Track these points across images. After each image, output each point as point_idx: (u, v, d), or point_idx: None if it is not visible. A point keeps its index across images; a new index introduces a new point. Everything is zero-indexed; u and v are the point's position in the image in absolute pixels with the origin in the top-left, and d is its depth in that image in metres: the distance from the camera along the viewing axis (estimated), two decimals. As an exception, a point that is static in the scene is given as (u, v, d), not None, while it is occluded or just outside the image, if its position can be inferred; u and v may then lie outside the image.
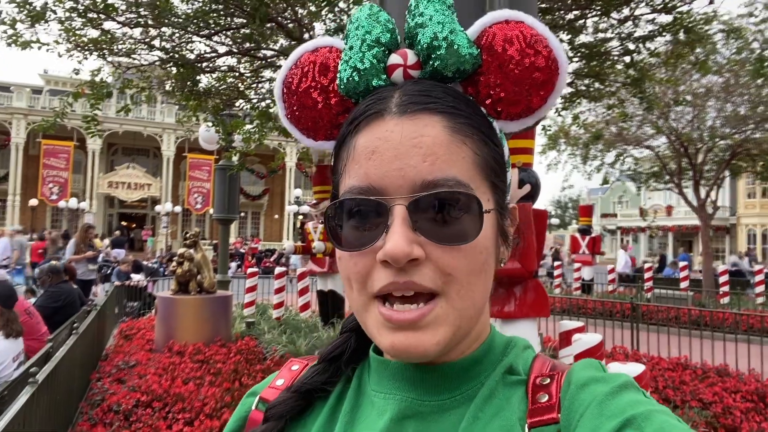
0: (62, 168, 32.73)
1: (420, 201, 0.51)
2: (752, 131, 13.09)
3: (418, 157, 0.52)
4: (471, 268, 0.53)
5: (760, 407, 4.72)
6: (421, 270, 0.51)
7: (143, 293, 10.48)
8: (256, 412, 0.64)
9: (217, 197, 9.39)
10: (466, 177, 0.53)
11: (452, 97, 0.55)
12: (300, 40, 5.89)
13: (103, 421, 4.17)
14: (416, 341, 0.52)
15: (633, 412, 0.46)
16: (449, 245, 0.51)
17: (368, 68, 0.57)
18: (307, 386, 0.63)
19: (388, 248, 0.50)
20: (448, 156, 0.52)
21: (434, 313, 0.52)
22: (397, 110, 0.54)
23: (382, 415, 0.57)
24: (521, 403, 0.54)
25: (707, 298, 12.66)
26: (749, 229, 36.02)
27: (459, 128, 0.54)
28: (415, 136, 0.52)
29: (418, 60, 0.57)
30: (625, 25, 5.98)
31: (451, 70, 0.56)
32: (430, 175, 0.51)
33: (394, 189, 0.52)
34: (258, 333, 7.25)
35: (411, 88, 0.55)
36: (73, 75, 6.07)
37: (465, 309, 0.53)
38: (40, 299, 6.43)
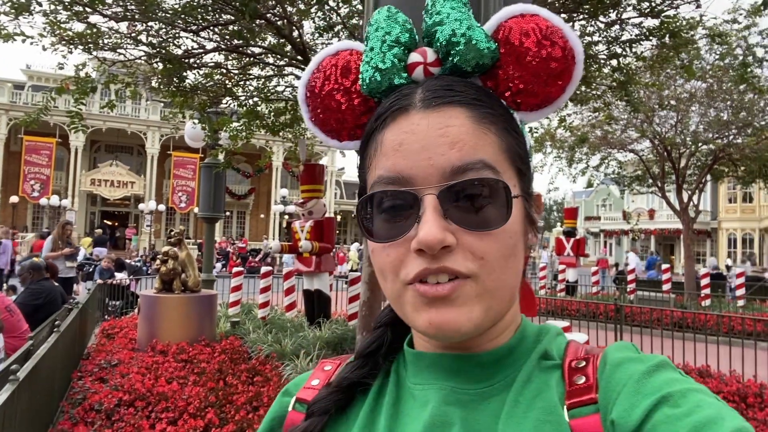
0: (44, 165, 32.26)
1: (449, 189, 0.52)
2: (734, 136, 13.29)
3: (445, 145, 0.53)
4: (502, 252, 0.54)
5: (742, 408, 4.78)
6: (453, 256, 0.53)
7: (126, 292, 10.36)
8: (293, 413, 0.65)
9: (203, 195, 9.31)
10: (494, 160, 0.54)
11: (474, 90, 0.57)
12: (289, 38, 5.86)
13: (85, 420, 4.11)
14: (450, 317, 0.53)
15: (670, 390, 0.47)
16: (480, 231, 0.53)
17: (390, 67, 0.59)
18: (349, 381, 0.64)
19: (421, 236, 0.51)
20: (475, 141, 0.54)
21: (465, 290, 0.53)
22: (422, 104, 0.55)
23: (425, 406, 0.58)
24: (559, 386, 0.55)
25: (689, 300, 12.82)
26: (730, 234, 36.59)
27: (483, 117, 0.55)
28: (441, 126, 0.54)
29: (438, 57, 0.59)
30: (612, 28, 6.04)
31: (470, 65, 0.57)
32: (459, 160, 0.53)
33: (422, 179, 0.53)
34: (243, 333, 7.20)
35: (433, 84, 0.57)
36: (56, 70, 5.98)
37: (497, 289, 0.54)
38: (20, 297, 6.32)
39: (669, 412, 0.45)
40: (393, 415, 0.60)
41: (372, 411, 0.62)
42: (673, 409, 0.45)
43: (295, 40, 5.95)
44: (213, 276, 9.27)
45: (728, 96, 12.28)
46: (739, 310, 11.74)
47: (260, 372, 5.44)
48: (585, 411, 0.51)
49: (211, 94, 7.15)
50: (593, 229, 46.12)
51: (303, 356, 5.83)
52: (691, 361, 6.27)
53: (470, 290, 0.53)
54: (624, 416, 0.47)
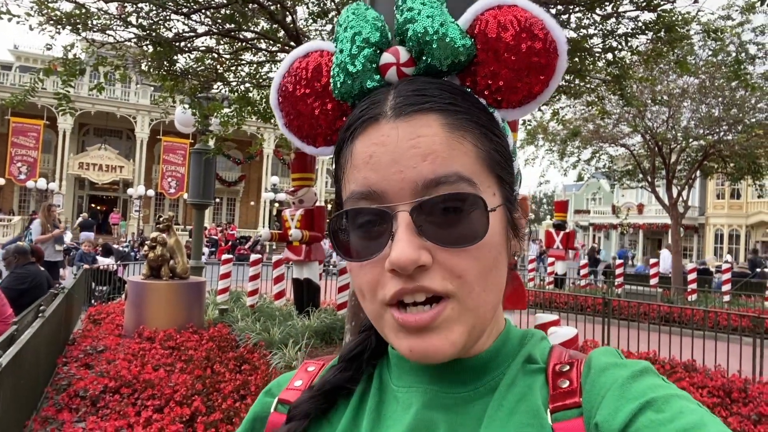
0: (31, 147, 31.83)
1: (423, 205, 0.50)
2: (725, 133, 13.37)
3: (417, 157, 0.50)
4: (482, 267, 0.52)
5: (726, 402, 4.83)
6: (430, 274, 0.51)
7: (113, 277, 10.28)
8: (276, 414, 0.64)
9: (192, 181, 9.22)
10: (469, 171, 0.51)
11: (448, 92, 0.54)
12: (282, 23, 5.78)
13: (69, 406, 4.07)
14: (431, 344, 0.51)
15: (653, 395, 0.47)
16: (457, 248, 0.50)
17: (360, 71, 0.56)
18: (331, 384, 0.62)
19: (393, 257, 0.49)
20: (449, 152, 0.51)
21: (446, 314, 0.51)
22: (392, 113, 0.52)
23: (407, 409, 0.57)
24: (542, 390, 0.54)
25: (676, 295, 12.95)
26: (717, 229, 36.96)
27: (457, 124, 0.52)
28: (412, 137, 0.51)
29: (411, 57, 0.56)
30: (608, 21, 6.01)
31: (445, 64, 0.54)
32: (432, 173, 0.50)
33: (394, 193, 0.51)
34: (231, 320, 7.17)
35: (405, 89, 0.54)
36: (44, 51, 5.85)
37: (478, 308, 0.53)
38: (5, 281, 6.23)
39: (653, 417, 0.45)
40: (375, 419, 0.59)
41: (355, 415, 0.61)
42: (657, 414, 0.45)
43: (288, 26, 5.87)
44: (202, 263, 9.22)
45: (720, 92, 12.33)
46: (725, 305, 11.87)
47: (248, 360, 5.42)
48: (568, 414, 0.51)
49: (202, 79, 7.06)
50: (582, 223, 46.40)
51: (291, 345, 5.81)
52: (678, 355, 6.33)
53: (451, 313, 0.51)
54: (608, 420, 0.47)
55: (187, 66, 6.90)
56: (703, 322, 7.45)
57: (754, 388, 5.08)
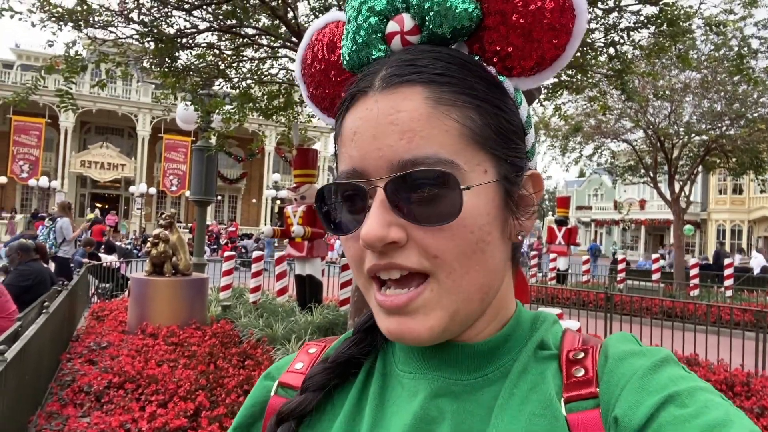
0: (33, 145, 31.88)
1: (396, 181, 0.48)
2: (727, 128, 13.34)
3: (395, 135, 0.48)
4: (461, 249, 0.49)
5: (729, 396, 4.83)
6: (404, 252, 0.49)
7: (116, 274, 10.31)
8: (276, 398, 0.62)
9: (194, 178, 9.22)
10: (450, 151, 0.48)
11: (444, 62, 0.51)
12: (283, 19, 5.76)
13: (74, 401, 4.09)
14: (408, 327, 0.50)
15: (676, 389, 0.45)
16: (429, 226, 0.48)
17: (365, 40, 0.54)
18: (346, 356, 0.61)
19: (362, 233, 0.49)
20: (429, 131, 0.48)
21: (424, 298, 0.50)
22: (380, 85, 0.50)
23: (414, 396, 0.55)
24: (556, 378, 0.52)
25: (678, 290, 12.94)
26: (719, 225, 36.89)
27: (443, 98, 0.49)
28: (391, 112, 0.49)
29: (416, 24, 0.53)
30: (610, 16, 5.99)
31: (447, 30, 0.51)
32: (408, 153, 0.48)
33: (374, 170, 0.49)
34: (234, 317, 7.19)
35: (398, 58, 0.52)
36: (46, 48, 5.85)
37: (460, 291, 0.50)
38: (9, 278, 6.25)
39: (676, 412, 0.43)
40: (379, 405, 0.57)
41: (358, 399, 0.59)
42: (681, 410, 0.43)
43: (289, 21, 5.86)
44: (204, 260, 9.23)
45: (722, 87, 12.30)
46: (727, 300, 11.87)
47: (251, 356, 5.44)
48: (584, 405, 0.48)
49: (204, 76, 7.04)
50: (584, 219, 46.36)
51: (294, 341, 5.83)
52: (680, 349, 6.34)
53: (429, 297, 0.50)
54: (629, 413, 0.45)
55: (189, 62, 6.88)
56: (705, 317, 7.45)
57: (756, 381, 5.09)
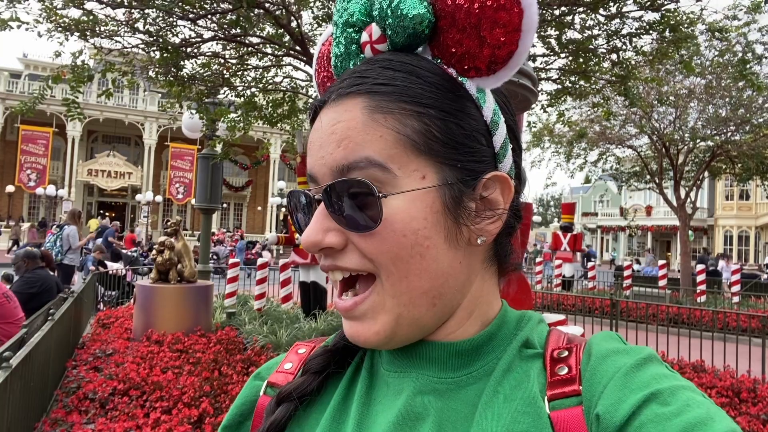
0: (41, 154, 32.10)
1: (329, 189, 0.51)
2: (732, 133, 13.30)
3: (333, 143, 0.51)
4: (394, 252, 0.50)
5: (735, 402, 4.80)
6: (345, 254, 0.53)
7: (122, 282, 10.35)
8: (265, 397, 0.63)
9: (200, 186, 9.27)
10: (384, 156, 0.50)
11: (392, 70, 0.52)
12: (287, 28, 5.82)
13: (79, 408, 4.11)
14: (357, 331, 0.54)
15: (658, 387, 0.45)
16: (357, 232, 0.51)
17: (343, 52, 0.56)
18: (344, 343, 0.62)
19: (302, 238, 0.53)
20: (363, 137, 0.50)
21: (369, 302, 0.53)
22: (333, 97, 0.53)
23: (398, 394, 0.56)
24: (540, 376, 0.53)
25: (684, 296, 12.87)
26: (726, 231, 36.69)
27: (381, 106, 0.50)
28: (333, 123, 0.52)
29: (382, 33, 0.54)
30: (612, 22, 6.01)
31: (401, 38, 0.52)
32: (344, 159, 0.50)
33: (321, 177, 0.53)
34: (239, 324, 7.20)
35: (353, 70, 0.54)
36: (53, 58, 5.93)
37: (401, 295, 0.51)
38: (15, 285, 6.29)
39: (658, 410, 0.44)
40: (365, 403, 0.57)
41: (344, 398, 0.60)
42: (663, 408, 0.44)
43: (293, 30, 5.91)
44: (209, 267, 9.26)
45: (727, 93, 12.28)
46: (734, 306, 11.79)
47: (255, 363, 5.44)
48: (567, 403, 0.49)
49: (209, 84, 7.11)
50: (590, 225, 46.20)
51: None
52: (686, 356, 6.29)
53: (375, 300, 0.52)
54: (610, 411, 0.45)
55: (194, 71, 6.95)
56: (712, 323, 7.41)
57: (763, 388, 5.05)
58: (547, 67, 7.10)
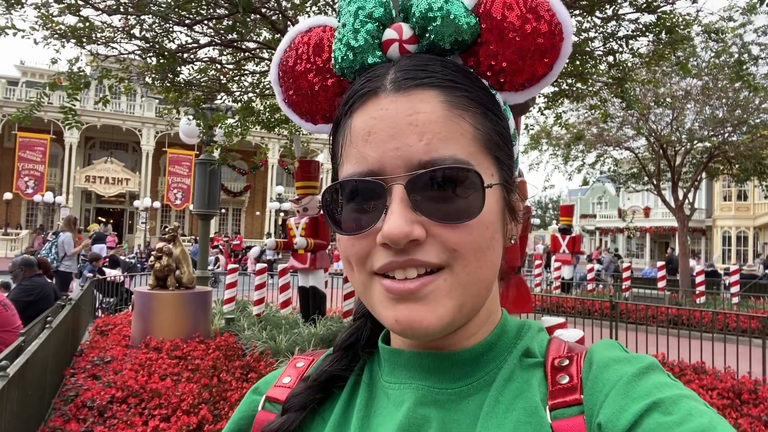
0: (38, 161, 32.07)
1: (418, 179, 0.49)
2: (729, 134, 13.33)
3: (414, 135, 0.49)
4: (478, 243, 0.50)
5: (737, 404, 4.78)
6: (423, 248, 0.50)
7: (120, 288, 10.32)
8: (263, 412, 0.62)
9: (197, 192, 9.26)
10: (465, 153, 0.50)
11: (450, 70, 0.53)
12: (284, 33, 5.82)
13: (77, 417, 4.08)
14: (418, 314, 0.50)
15: (661, 396, 0.45)
16: (452, 223, 0.49)
17: (362, 45, 0.54)
18: (328, 374, 0.61)
19: (386, 230, 0.48)
20: (446, 132, 0.50)
21: (436, 284, 0.50)
22: (392, 87, 0.51)
23: (399, 406, 0.55)
24: (541, 385, 0.52)
25: (684, 297, 12.86)
26: (724, 231, 36.72)
27: (457, 102, 0.51)
28: (410, 113, 0.50)
29: (414, 33, 0.54)
30: (608, 24, 6.02)
31: (448, 41, 0.53)
32: (427, 154, 0.49)
33: (391, 169, 0.50)
34: (238, 329, 7.17)
35: (406, 63, 0.53)
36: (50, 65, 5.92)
37: (471, 284, 0.51)
38: (12, 293, 6.27)
39: (660, 419, 0.43)
40: (365, 416, 0.57)
41: (345, 411, 0.59)
42: (665, 417, 0.43)
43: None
44: (208, 273, 9.24)
45: (723, 94, 12.31)
46: (734, 307, 11.78)
47: (254, 369, 5.42)
48: (568, 412, 0.49)
49: (206, 90, 7.11)
50: (589, 227, 46.23)
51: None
52: (686, 357, 6.28)
53: (442, 285, 0.50)
54: (612, 420, 0.45)
55: (191, 77, 6.95)
56: (712, 325, 7.40)
57: (764, 389, 5.04)
58: (544, 69, 7.08)
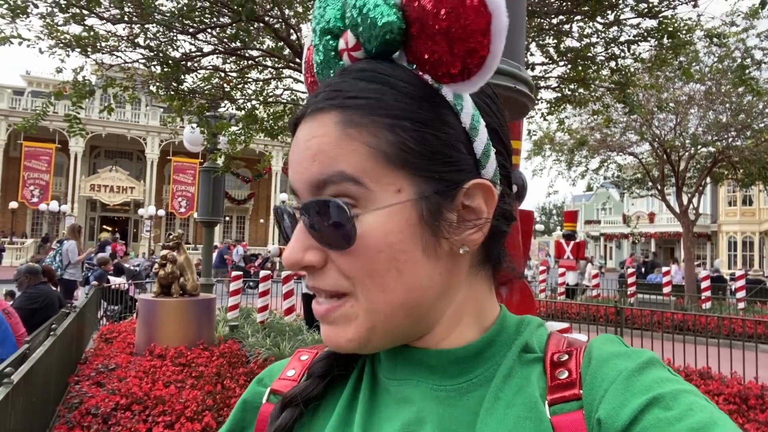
0: (43, 170, 32.28)
1: (305, 207, 0.50)
2: (733, 139, 13.30)
3: (308, 159, 0.50)
4: (370, 268, 0.49)
5: (743, 409, 4.75)
6: (325, 273, 0.52)
7: (125, 296, 10.34)
8: (268, 405, 0.62)
9: (201, 199, 9.29)
10: (357, 170, 0.48)
11: (366, 81, 0.50)
12: (287, 41, 5.86)
13: (81, 424, 4.08)
14: (330, 335, 0.53)
15: (661, 391, 0.45)
16: (334, 250, 0.50)
17: (323, 60, 0.54)
18: (332, 363, 0.62)
19: (282, 256, 0.52)
20: (337, 151, 0.49)
21: (342, 311, 0.52)
22: (309, 111, 0.52)
23: (400, 403, 0.55)
24: (540, 381, 0.52)
25: (689, 303, 12.80)
26: (730, 237, 36.58)
27: (354, 120, 0.49)
28: (308, 138, 0.51)
29: (357, 41, 0.51)
30: (610, 29, 6.04)
31: (374, 45, 0.50)
32: (319, 174, 0.49)
33: (301, 194, 0.52)
34: (241, 336, 7.17)
35: (327, 83, 0.53)
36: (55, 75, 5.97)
37: (377, 309, 0.51)
38: (17, 301, 6.29)
39: (660, 414, 0.43)
40: (368, 411, 0.57)
41: (349, 405, 0.59)
42: (665, 412, 0.43)
43: (293, 43, 5.95)
44: (212, 280, 9.25)
45: (727, 98, 12.30)
46: (740, 312, 11.72)
47: (258, 375, 5.41)
48: (567, 407, 0.48)
49: (210, 98, 7.15)
50: (593, 233, 46.12)
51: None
52: (692, 363, 6.25)
53: (349, 311, 0.52)
54: (612, 415, 0.45)
55: (195, 85, 7.00)
56: (718, 330, 7.36)
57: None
58: (546, 75, 7.12)
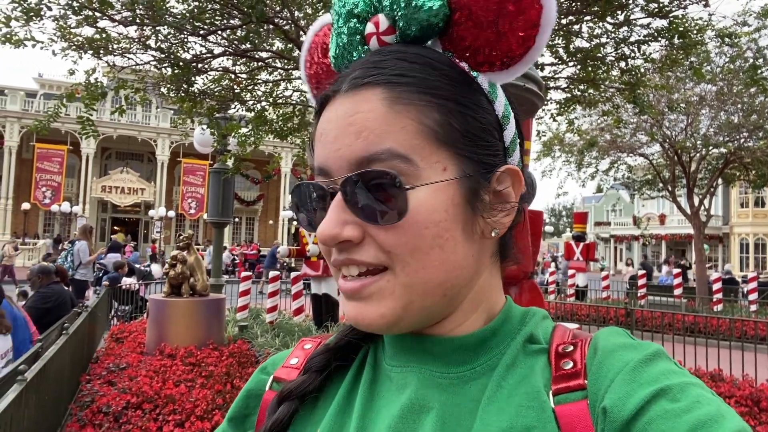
0: (55, 172, 32.56)
1: (349, 181, 0.50)
2: (745, 140, 13.18)
3: (352, 135, 0.50)
4: (414, 244, 0.50)
5: (755, 411, 4.71)
6: (361, 248, 0.51)
7: (135, 296, 10.41)
8: (270, 392, 0.63)
9: (211, 200, 9.33)
10: (406, 147, 0.49)
11: (408, 62, 0.51)
12: (296, 42, 5.88)
13: (93, 422, 4.12)
14: (361, 312, 0.52)
15: (668, 383, 0.45)
16: (378, 225, 0.50)
17: (347, 43, 0.55)
18: (346, 339, 0.62)
19: (318, 231, 0.51)
20: (384, 128, 0.49)
21: (377, 286, 0.51)
22: (345, 87, 0.52)
23: (402, 389, 0.56)
24: (544, 371, 0.52)
25: (701, 305, 12.69)
26: (742, 239, 36.20)
27: (401, 97, 0.50)
28: (350, 113, 0.51)
29: (390, 24, 0.53)
30: (620, 30, 6.01)
31: (415, 30, 0.51)
32: (364, 151, 0.49)
33: (336, 170, 0.51)
34: (251, 337, 7.20)
35: (365, 60, 0.53)
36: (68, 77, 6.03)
37: (416, 284, 0.51)
38: (30, 300, 6.36)
39: (667, 406, 0.43)
40: (368, 398, 0.57)
41: (349, 392, 0.60)
42: (672, 404, 0.43)
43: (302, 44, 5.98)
44: (222, 281, 9.29)
45: (739, 99, 12.19)
46: (752, 314, 11.60)
47: (268, 375, 5.43)
48: (572, 397, 0.48)
49: (220, 99, 7.20)
50: (603, 235, 45.83)
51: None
52: (704, 365, 6.20)
53: (385, 286, 0.51)
54: (618, 405, 0.45)
55: (205, 87, 7.04)
56: (729, 332, 7.29)
57: (783, 397, 4.94)
58: (555, 76, 7.10)
